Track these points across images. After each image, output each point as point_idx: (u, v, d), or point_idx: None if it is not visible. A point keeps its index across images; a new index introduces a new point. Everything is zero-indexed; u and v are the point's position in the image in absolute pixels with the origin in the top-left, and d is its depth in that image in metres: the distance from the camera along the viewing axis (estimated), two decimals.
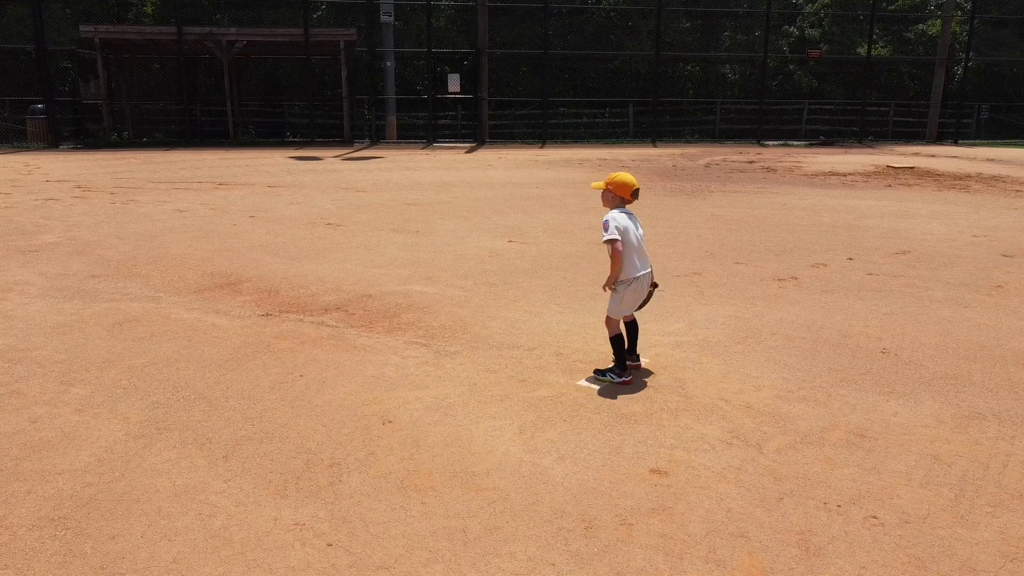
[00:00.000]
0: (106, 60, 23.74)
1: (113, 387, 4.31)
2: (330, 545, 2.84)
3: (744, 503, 3.13)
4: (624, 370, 4.39)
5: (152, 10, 27.90)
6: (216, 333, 5.33)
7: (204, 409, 4.05)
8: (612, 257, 4.27)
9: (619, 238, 4.21)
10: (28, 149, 21.32)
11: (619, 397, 4.20)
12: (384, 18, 24.61)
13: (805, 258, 7.90)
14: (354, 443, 3.66)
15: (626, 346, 4.46)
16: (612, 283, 4.33)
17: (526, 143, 26.25)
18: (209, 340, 5.17)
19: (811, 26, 32.23)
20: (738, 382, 4.44)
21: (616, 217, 4.29)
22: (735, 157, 20.80)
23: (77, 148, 22.12)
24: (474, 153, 22.20)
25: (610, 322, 4.42)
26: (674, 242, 8.73)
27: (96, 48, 22.85)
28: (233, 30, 24.60)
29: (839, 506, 3.11)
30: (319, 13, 28.47)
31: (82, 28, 22.63)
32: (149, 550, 2.81)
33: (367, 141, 26.02)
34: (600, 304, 6.11)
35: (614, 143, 26.56)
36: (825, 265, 7.57)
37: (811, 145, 26.79)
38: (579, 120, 29.67)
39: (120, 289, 6.48)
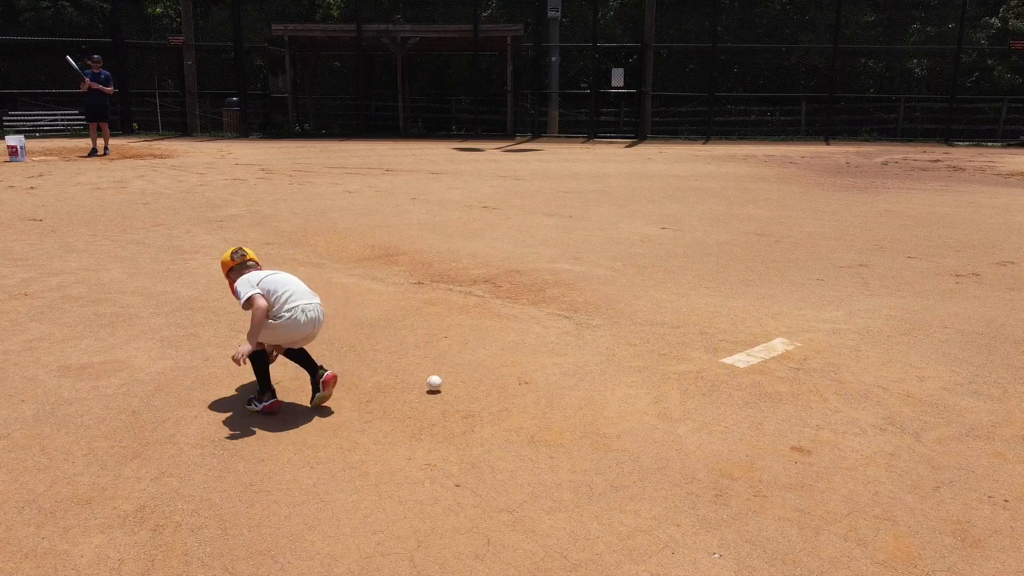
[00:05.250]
0: (293, 57, 25.53)
1: None
2: (458, 486, 2.91)
3: (894, 488, 2.90)
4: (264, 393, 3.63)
5: (338, 12, 29.70)
6: (371, 296, 5.60)
7: (354, 359, 4.26)
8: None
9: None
10: (223, 137, 23.34)
11: (765, 376, 4.01)
12: (551, 13, 24.84)
13: (990, 255, 7.19)
14: (490, 399, 3.72)
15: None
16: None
17: (689, 139, 25.65)
18: (364, 302, 5.44)
19: (1017, 16, 29.27)
20: (899, 371, 4.12)
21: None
22: (917, 156, 19.29)
23: (264, 137, 23.98)
24: (634, 148, 21.96)
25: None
26: (840, 235, 8.22)
27: (285, 46, 24.65)
28: (407, 27, 25.70)
29: (1007, 501, 2.80)
30: (488, 12, 29.20)
31: (274, 27, 24.45)
32: (293, 474, 3.00)
33: (529, 135, 26.40)
34: (754, 289, 5.87)
35: (783, 140, 25.39)
36: (1013, 263, 6.86)
37: (1009, 145, 24.35)
38: (747, 117, 28.60)
39: (289, 255, 6.95)
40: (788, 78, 28.74)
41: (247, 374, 3.85)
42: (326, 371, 3.65)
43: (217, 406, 3.63)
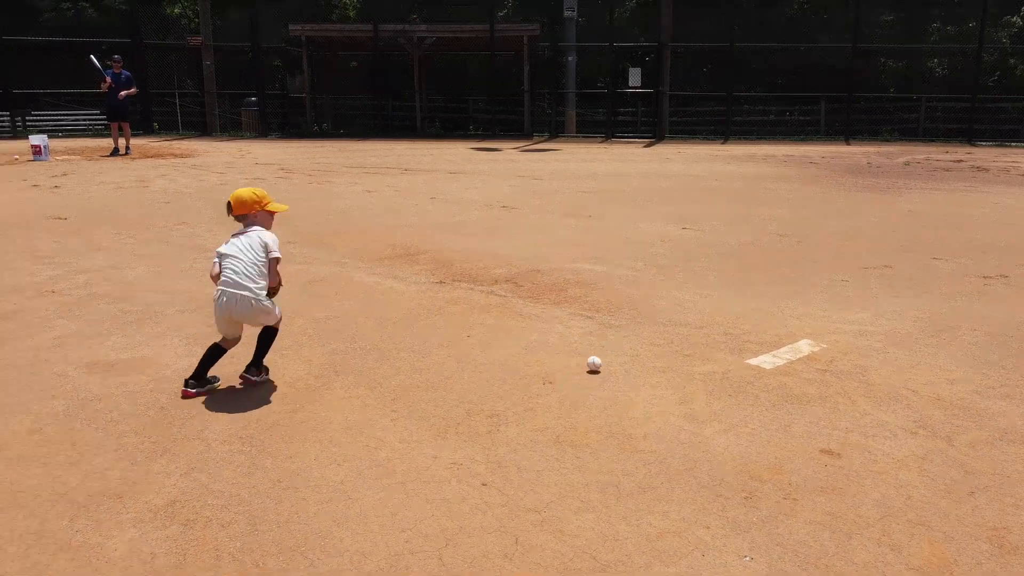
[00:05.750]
0: (310, 57, 25.64)
1: (299, 334, 4.63)
2: (484, 485, 2.90)
3: (927, 492, 2.86)
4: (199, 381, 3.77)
5: (354, 13, 29.79)
6: (392, 295, 5.60)
7: (377, 358, 4.27)
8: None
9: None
10: (242, 137, 23.48)
11: (791, 378, 3.98)
12: (567, 13, 24.80)
13: (1018, 257, 7.10)
14: (514, 398, 3.72)
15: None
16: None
17: (707, 139, 25.53)
18: (386, 301, 5.45)
19: None
20: (928, 373, 4.07)
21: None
22: (940, 156, 19.10)
23: (283, 137, 24.10)
24: (652, 148, 21.89)
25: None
26: (863, 236, 8.15)
27: (302, 46, 24.76)
28: (423, 27, 25.75)
29: None
30: (504, 12, 29.19)
31: (291, 27, 24.56)
32: (320, 471, 3.00)
33: (546, 135, 26.37)
34: (777, 290, 5.83)
35: (803, 140, 25.23)
36: None
37: None
38: (765, 117, 28.41)
39: (310, 255, 6.97)
40: (807, 78, 28.51)
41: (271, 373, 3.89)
42: (244, 375, 3.85)
43: (242, 403, 3.64)
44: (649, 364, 4.19)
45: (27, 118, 22.26)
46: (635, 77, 26.04)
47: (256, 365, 3.89)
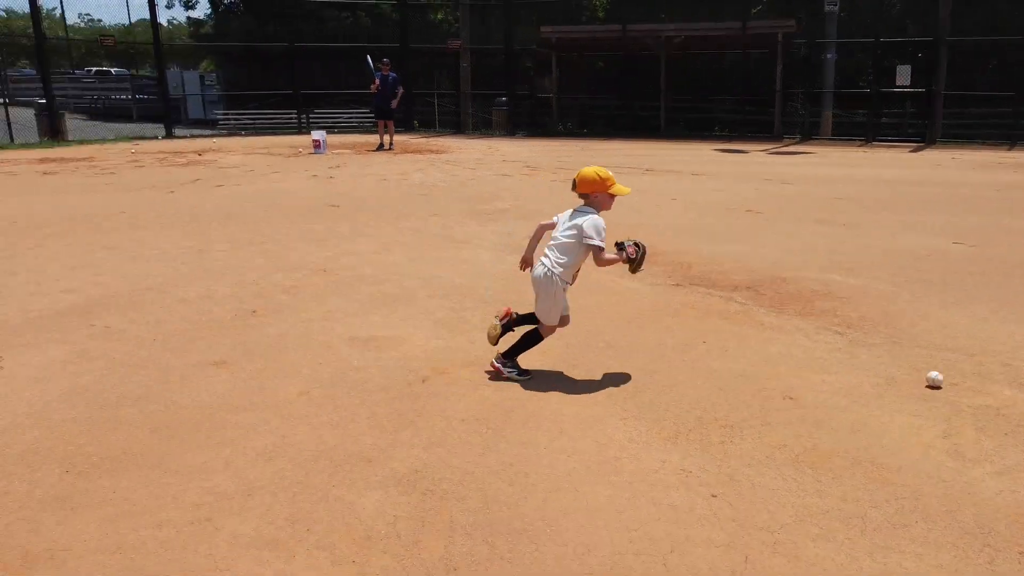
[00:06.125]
0: (559, 58, 26.32)
1: None
2: (714, 496, 2.81)
3: None
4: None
5: (603, 14, 30.13)
6: (629, 295, 5.60)
7: (611, 356, 4.29)
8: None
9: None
10: (491, 135, 24.70)
11: None
12: (829, 8, 23.19)
13: None
14: (750, 411, 3.56)
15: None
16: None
17: (988, 144, 22.71)
18: (622, 300, 5.46)
19: None
20: None
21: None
22: None
23: (529, 136, 25.00)
24: (921, 152, 19.90)
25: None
26: None
27: (552, 47, 25.47)
28: (672, 26, 25.37)
29: None
30: (758, 8, 27.94)
31: (543, 29, 25.35)
32: (551, 460, 3.07)
33: (797, 137, 24.93)
34: None
35: None
36: None
37: None
38: None
39: None
40: None
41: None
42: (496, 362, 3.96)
43: (482, 387, 3.83)
44: (907, 390, 3.81)
45: (310, 115, 25.06)
46: (904, 75, 23.78)
47: (507, 356, 3.94)
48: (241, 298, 5.36)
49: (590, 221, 3.81)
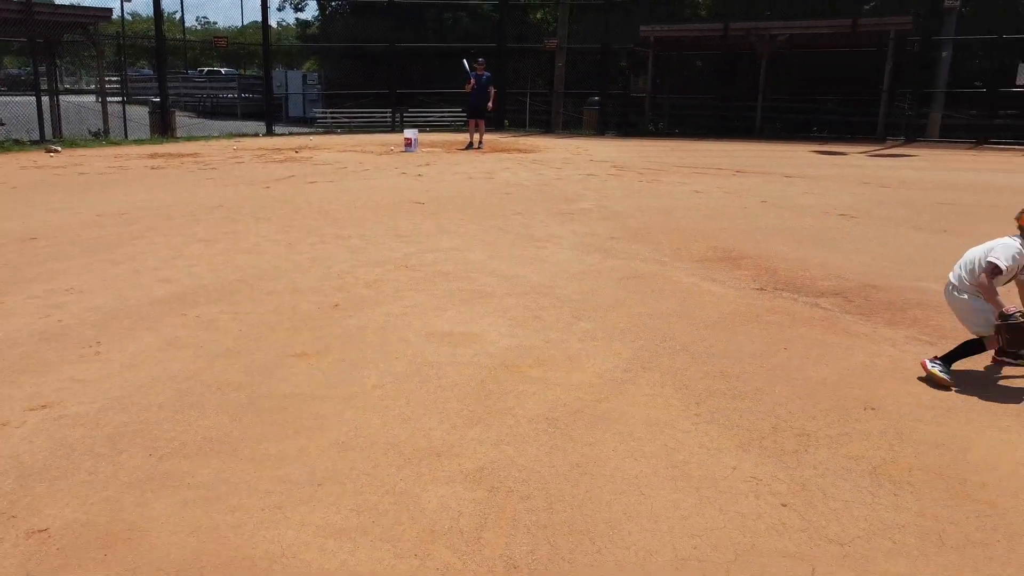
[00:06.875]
0: (655, 57, 26.00)
1: (612, 327, 4.76)
2: (784, 505, 2.74)
3: None
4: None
5: (706, 12, 29.57)
6: (709, 298, 5.50)
7: (686, 359, 4.23)
8: None
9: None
10: (581, 135, 24.62)
11: None
12: (948, 3, 22.03)
13: None
14: (828, 420, 3.45)
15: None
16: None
17: None
18: (702, 303, 5.37)
19: None
20: None
21: None
22: None
23: (619, 136, 24.81)
24: None
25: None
26: None
27: (650, 46, 25.17)
28: (777, 23, 24.64)
29: None
30: (872, 3, 26.76)
31: (642, 29, 25.08)
32: (617, 462, 3.06)
33: (901, 139, 23.81)
34: None
35: None
36: None
37: None
38: None
39: (633, 251, 7.10)
40: None
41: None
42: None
43: (552, 386, 3.84)
44: (1000, 406, 3.61)
45: (404, 114, 25.61)
46: None
47: (944, 359, 3.93)
48: (325, 291, 5.54)
49: (999, 244, 4.02)
